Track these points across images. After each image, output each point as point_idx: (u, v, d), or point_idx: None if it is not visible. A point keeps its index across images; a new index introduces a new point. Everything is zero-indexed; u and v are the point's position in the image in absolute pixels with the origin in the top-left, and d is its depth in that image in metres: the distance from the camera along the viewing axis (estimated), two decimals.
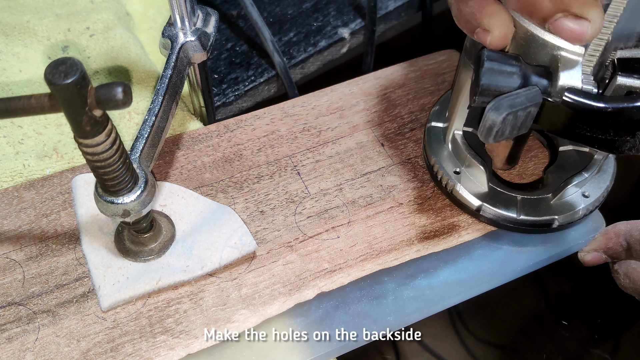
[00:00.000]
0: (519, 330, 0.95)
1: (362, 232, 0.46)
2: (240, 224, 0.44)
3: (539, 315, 0.92)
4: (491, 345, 0.98)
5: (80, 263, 0.44)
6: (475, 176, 0.47)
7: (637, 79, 0.36)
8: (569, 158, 0.48)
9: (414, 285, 0.44)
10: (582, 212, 0.46)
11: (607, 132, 0.37)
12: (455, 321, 1.01)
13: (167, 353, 0.40)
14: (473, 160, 0.46)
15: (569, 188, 0.45)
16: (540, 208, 0.46)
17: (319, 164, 0.51)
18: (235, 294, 0.43)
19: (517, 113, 0.35)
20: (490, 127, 0.36)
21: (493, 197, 0.46)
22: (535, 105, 0.36)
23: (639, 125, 0.36)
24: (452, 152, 0.48)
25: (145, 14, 0.62)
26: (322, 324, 0.42)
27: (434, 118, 0.51)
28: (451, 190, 0.47)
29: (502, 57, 0.36)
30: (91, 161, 0.35)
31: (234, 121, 0.53)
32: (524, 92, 0.36)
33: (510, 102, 0.35)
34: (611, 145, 0.37)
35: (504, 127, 0.36)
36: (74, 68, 0.30)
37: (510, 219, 0.45)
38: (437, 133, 0.50)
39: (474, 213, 0.46)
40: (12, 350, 0.40)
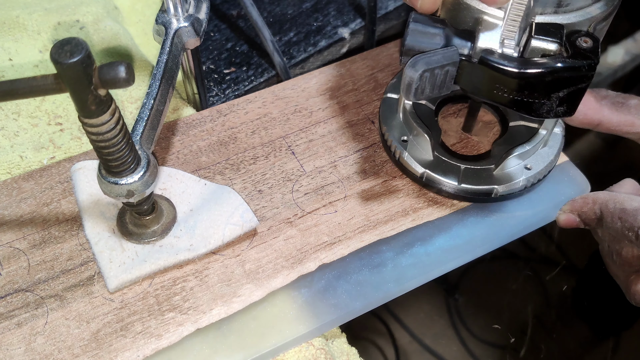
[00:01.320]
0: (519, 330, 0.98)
1: (358, 206, 0.48)
2: (241, 201, 0.45)
3: (539, 315, 0.94)
4: (491, 345, 1.01)
5: (84, 248, 0.45)
6: (421, 145, 0.48)
7: (550, 42, 0.38)
8: (517, 132, 0.49)
9: (411, 252, 0.46)
10: (523, 183, 0.47)
11: (522, 93, 0.38)
12: (455, 321, 1.03)
13: (177, 329, 0.41)
14: (420, 130, 0.48)
15: (511, 159, 0.47)
16: (482, 178, 0.47)
17: (312, 143, 0.52)
18: (239, 269, 0.44)
19: (434, 71, 0.37)
20: (409, 84, 0.38)
21: (437, 166, 0.47)
22: (452, 64, 0.38)
23: (551, 87, 0.38)
24: (402, 122, 0.50)
25: (134, 7, 0.62)
26: (326, 293, 0.43)
27: (390, 89, 0.53)
28: (398, 157, 0.49)
29: (427, 19, 0.39)
30: (95, 141, 0.36)
31: (226, 106, 0.54)
32: (442, 51, 0.38)
33: (427, 59, 0.37)
34: (529, 107, 0.39)
35: (423, 85, 0.38)
36: (79, 47, 0.30)
37: (452, 186, 0.47)
38: (391, 103, 0.52)
39: (419, 180, 0.48)
40: (23, 334, 0.40)
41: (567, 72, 0.37)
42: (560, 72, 0.37)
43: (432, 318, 1.04)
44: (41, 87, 0.32)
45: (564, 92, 0.38)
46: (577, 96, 0.38)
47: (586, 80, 0.37)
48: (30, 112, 0.52)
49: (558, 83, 0.37)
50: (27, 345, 0.40)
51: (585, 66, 0.37)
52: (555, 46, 0.38)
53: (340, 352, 0.45)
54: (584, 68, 0.37)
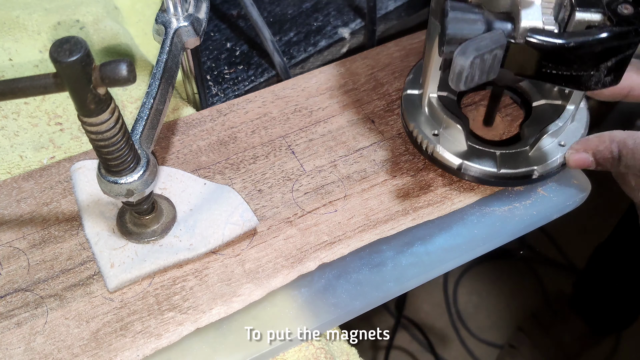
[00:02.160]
0: (519, 330, 0.98)
1: (358, 205, 0.48)
2: (241, 201, 0.45)
3: (538, 315, 0.94)
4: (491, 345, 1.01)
5: (84, 248, 0.45)
6: (454, 136, 0.48)
7: (595, 12, 0.38)
8: (543, 111, 0.50)
9: (411, 252, 0.46)
10: (560, 160, 0.47)
11: (571, 67, 0.38)
12: (455, 321, 1.03)
13: (176, 328, 0.41)
14: (450, 121, 0.48)
15: (545, 138, 0.47)
16: (519, 161, 0.47)
17: (312, 142, 0.52)
18: (239, 269, 0.44)
19: (484, 56, 0.37)
20: (459, 72, 0.37)
21: (472, 155, 0.47)
22: (500, 47, 0.37)
23: (601, 58, 0.38)
24: (429, 116, 0.50)
25: (134, 7, 0.62)
26: (326, 293, 0.43)
27: (409, 86, 0.52)
28: (432, 152, 0.48)
29: (465, 6, 0.38)
30: (95, 140, 0.36)
31: (226, 105, 0.54)
32: (488, 36, 0.37)
33: (476, 45, 0.37)
34: (578, 81, 0.39)
35: (473, 72, 0.37)
36: (79, 46, 0.30)
37: (491, 173, 0.47)
38: (413, 100, 0.51)
39: (456, 172, 0.48)
40: (22, 334, 0.40)
41: (616, 41, 0.37)
42: (609, 42, 0.37)
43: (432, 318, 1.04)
44: (41, 86, 0.32)
45: (612, 62, 0.38)
46: (623, 64, 0.39)
47: (633, 46, 0.38)
48: (30, 112, 0.52)
49: (607, 53, 0.37)
50: (26, 344, 0.40)
51: (633, 32, 0.37)
52: (599, 16, 0.38)
53: (340, 351, 0.45)
54: (632, 34, 0.37)
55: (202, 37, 0.47)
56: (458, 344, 1.10)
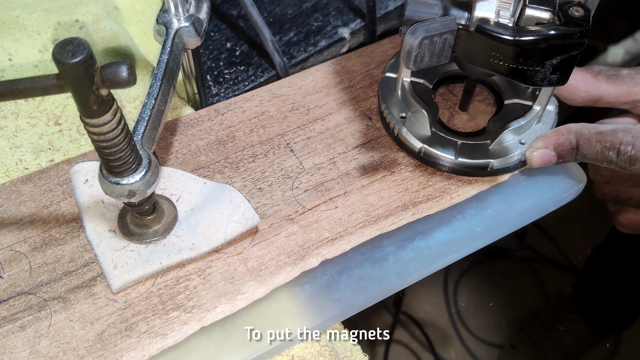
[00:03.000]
0: (519, 329, 0.98)
1: (358, 201, 0.48)
2: (242, 199, 0.46)
3: (539, 315, 0.95)
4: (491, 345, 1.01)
5: (85, 249, 0.45)
6: (420, 121, 0.50)
7: (544, 10, 0.40)
8: (512, 109, 0.51)
9: (412, 246, 0.46)
10: (517, 157, 0.49)
11: (517, 60, 0.40)
12: (455, 321, 1.03)
13: (181, 328, 0.41)
14: (418, 106, 0.49)
15: (506, 134, 0.49)
16: (478, 152, 0.49)
17: (310, 140, 0.52)
18: (242, 267, 0.44)
19: (434, 38, 0.39)
20: (409, 51, 0.39)
21: (434, 141, 0.49)
22: (450, 32, 0.39)
23: (545, 55, 0.39)
24: (401, 99, 0.51)
25: (133, 7, 0.62)
26: (329, 289, 0.44)
27: (388, 69, 0.54)
28: (397, 133, 0.50)
29: None
30: (97, 141, 0.36)
31: (223, 105, 0.54)
32: (440, 20, 0.39)
33: (426, 27, 0.39)
34: (523, 75, 0.41)
35: (422, 52, 0.39)
36: (81, 47, 0.30)
37: (449, 160, 0.48)
38: (389, 82, 0.53)
39: (417, 155, 0.49)
40: (27, 337, 0.40)
41: (560, 39, 0.38)
42: (554, 39, 0.38)
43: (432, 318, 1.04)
44: (42, 87, 0.32)
45: (557, 60, 0.39)
46: (569, 64, 0.40)
47: (578, 47, 0.39)
48: (30, 113, 0.52)
49: (551, 50, 0.39)
50: (31, 347, 0.40)
51: (577, 33, 0.38)
52: (548, 14, 0.39)
53: (343, 349, 0.45)
54: (576, 35, 0.38)
55: (203, 37, 0.47)
56: (458, 344, 1.10)
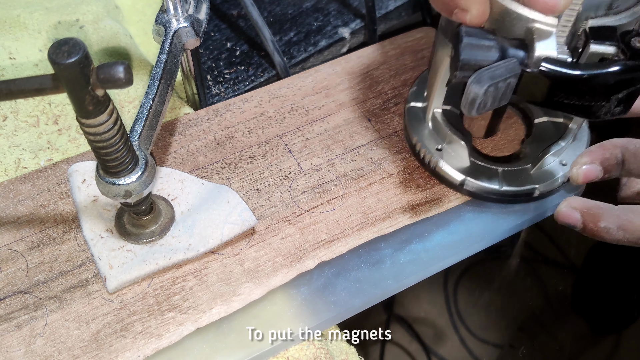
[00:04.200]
0: (519, 329, 0.98)
1: (356, 203, 0.48)
2: (239, 200, 0.46)
3: (538, 314, 0.94)
4: (491, 345, 1.01)
5: (82, 249, 0.45)
6: (457, 152, 0.48)
7: (609, 45, 0.38)
8: (544, 129, 0.50)
9: (409, 249, 0.46)
10: (561, 179, 0.48)
11: (583, 98, 0.39)
12: (456, 321, 1.03)
13: (177, 329, 0.41)
14: (454, 137, 0.48)
15: (547, 157, 0.48)
16: (521, 178, 0.48)
17: (309, 141, 0.52)
18: (239, 268, 0.44)
19: (498, 84, 0.37)
20: (473, 100, 0.37)
21: (475, 171, 0.48)
22: (514, 76, 0.37)
23: (613, 89, 0.38)
24: (433, 130, 0.50)
25: (134, 7, 0.62)
26: (325, 291, 0.44)
27: (412, 98, 0.52)
28: (434, 167, 0.48)
29: (480, 32, 0.38)
30: (93, 142, 0.36)
31: (222, 105, 0.54)
32: (503, 64, 0.37)
33: (490, 74, 0.37)
34: (588, 111, 0.39)
35: (486, 99, 0.37)
36: (77, 47, 0.30)
37: (493, 190, 0.47)
38: (416, 112, 0.51)
39: (458, 187, 0.48)
40: (22, 336, 0.40)
41: (629, 74, 0.37)
42: (622, 75, 0.37)
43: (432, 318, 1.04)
44: (39, 87, 0.32)
45: (623, 93, 0.38)
46: (634, 95, 0.39)
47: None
48: (29, 112, 0.52)
49: (619, 85, 0.38)
50: (26, 347, 0.40)
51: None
52: (613, 49, 0.38)
53: (339, 351, 0.45)
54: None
55: (202, 38, 0.47)
56: (458, 344, 1.09)
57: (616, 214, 0.44)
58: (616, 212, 0.45)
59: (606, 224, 0.44)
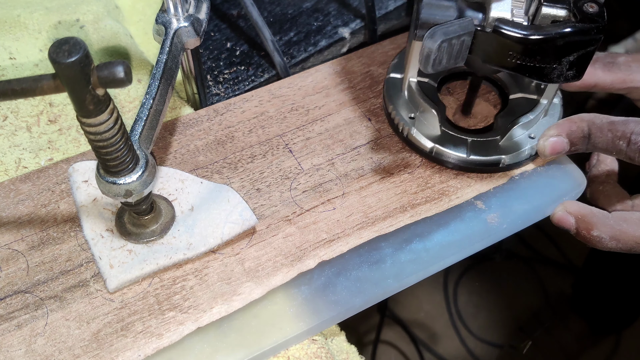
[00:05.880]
0: (519, 329, 0.98)
1: (356, 203, 0.48)
2: (240, 200, 0.46)
3: (538, 314, 0.95)
4: (491, 345, 1.01)
5: (83, 249, 0.45)
6: (429, 120, 0.50)
7: (560, 8, 0.40)
8: (518, 104, 0.51)
9: (410, 248, 0.46)
10: (528, 151, 0.49)
11: (534, 58, 0.40)
12: (456, 321, 1.03)
13: (177, 328, 0.41)
14: (426, 105, 0.49)
15: (516, 129, 0.49)
16: (489, 149, 0.49)
17: (309, 141, 0.52)
18: (239, 268, 0.44)
19: (452, 41, 0.39)
20: (427, 55, 0.39)
21: (445, 140, 0.49)
22: (468, 34, 0.39)
23: (563, 52, 0.40)
24: (408, 100, 0.51)
25: (134, 7, 0.62)
26: (325, 290, 0.44)
27: (392, 69, 0.54)
28: (407, 134, 0.50)
29: None
30: (94, 141, 0.36)
31: (222, 105, 0.54)
32: (458, 22, 0.40)
33: (444, 30, 0.39)
34: (541, 73, 0.41)
35: (441, 55, 0.39)
36: (77, 47, 0.30)
37: (460, 158, 0.48)
38: (395, 83, 0.53)
39: (428, 155, 0.49)
40: (23, 336, 0.40)
41: (577, 36, 0.39)
42: (571, 36, 0.39)
43: (432, 318, 1.04)
44: (39, 87, 0.32)
45: (574, 56, 0.40)
46: (585, 59, 0.40)
47: (594, 43, 0.39)
48: (29, 111, 0.52)
49: (569, 47, 0.39)
50: (27, 346, 0.40)
51: (594, 29, 0.39)
52: (564, 12, 0.40)
53: (339, 350, 0.45)
54: (593, 31, 0.39)
55: (203, 37, 0.47)
56: (458, 344, 1.10)
57: (610, 223, 0.45)
58: (610, 221, 0.45)
59: (599, 233, 0.45)
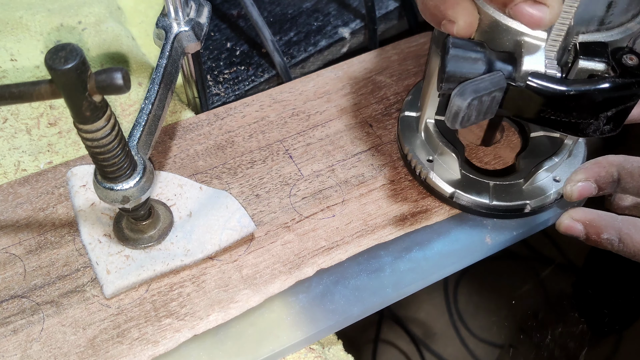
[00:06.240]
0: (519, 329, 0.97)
1: (356, 210, 0.47)
2: (238, 206, 0.45)
3: (539, 314, 0.94)
4: (491, 345, 1.00)
5: (80, 254, 0.44)
6: (448, 164, 0.47)
7: (598, 62, 0.37)
8: (540, 144, 0.49)
9: (409, 257, 0.45)
10: (554, 196, 0.47)
11: (570, 114, 0.37)
12: (456, 321, 1.03)
13: (173, 335, 0.41)
14: (445, 148, 0.47)
15: (540, 173, 0.46)
16: (512, 193, 0.46)
17: (310, 146, 0.52)
18: (237, 275, 0.44)
19: (482, 98, 0.36)
20: (456, 113, 0.36)
21: (466, 184, 0.47)
22: (499, 90, 0.36)
23: (601, 107, 0.37)
24: (425, 141, 0.49)
25: (136, 8, 0.62)
26: (323, 299, 0.43)
27: (407, 107, 0.51)
28: (425, 178, 0.48)
29: (467, 43, 0.37)
30: (91, 147, 0.35)
31: (223, 109, 0.54)
32: (488, 77, 0.36)
33: (474, 87, 0.36)
34: (576, 128, 0.38)
35: (470, 112, 0.36)
36: (74, 53, 0.30)
37: (483, 204, 0.46)
38: (410, 122, 0.51)
39: (448, 200, 0.47)
40: (19, 341, 0.40)
41: (618, 92, 0.36)
42: (611, 92, 0.36)
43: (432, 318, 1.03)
44: (36, 93, 0.32)
45: (612, 112, 0.37)
46: (624, 114, 0.38)
47: (635, 98, 0.37)
48: (29, 114, 0.52)
49: (608, 103, 0.37)
50: (22, 352, 0.40)
51: (635, 84, 0.36)
52: (603, 66, 0.37)
53: (336, 359, 0.44)
54: (634, 86, 0.36)
55: (203, 42, 0.47)
56: (458, 344, 1.09)
57: (618, 225, 0.44)
58: (618, 223, 0.44)
59: (608, 236, 0.44)
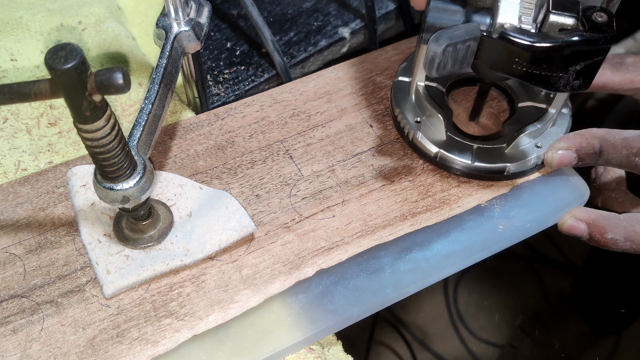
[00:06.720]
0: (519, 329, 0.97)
1: (356, 210, 0.47)
2: (238, 206, 0.45)
3: (539, 315, 0.94)
4: (491, 345, 1.00)
5: (80, 253, 0.44)
6: (435, 125, 0.49)
7: (568, 16, 0.39)
8: (526, 112, 0.51)
9: (409, 258, 0.45)
10: (534, 161, 0.48)
11: (540, 67, 0.39)
12: (456, 321, 1.03)
13: (173, 335, 0.41)
14: (433, 110, 0.49)
15: (522, 138, 0.48)
16: (495, 156, 0.48)
17: (310, 147, 0.52)
18: (236, 275, 0.44)
19: (457, 45, 0.38)
20: (432, 59, 0.39)
21: (450, 145, 0.49)
22: (474, 39, 0.39)
23: (570, 61, 0.39)
24: (415, 103, 0.51)
25: (137, 8, 0.62)
26: (323, 299, 0.43)
27: (401, 73, 0.54)
28: (412, 138, 0.50)
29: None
30: (90, 147, 0.35)
31: (223, 109, 0.54)
32: (464, 26, 0.39)
33: (450, 34, 0.38)
34: (547, 81, 0.40)
35: (445, 59, 0.39)
36: (74, 53, 0.30)
37: (465, 165, 0.48)
38: (402, 86, 0.53)
39: (432, 159, 0.49)
40: (18, 341, 0.40)
41: (585, 46, 0.38)
42: (578, 46, 0.38)
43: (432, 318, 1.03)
44: (36, 92, 0.32)
45: (580, 65, 0.39)
46: (593, 69, 0.40)
47: (602, 53, 0.39)
48: (30, 114, 0.52)
49: (576, 56, 0.38)
50: (22, 352, 0.40)
51: (602, 39, 0.38)
52: (572, 20, 0.39)
53: (336, 359, 0.44)
54: (601, 41, 0.38)
55: (203, 42, 0.47)
56: (458, 344, 1.10)
57: (622, 224, 0.44)
58: (622, 222, 0.44)
59: (613, 236, 0.44)
